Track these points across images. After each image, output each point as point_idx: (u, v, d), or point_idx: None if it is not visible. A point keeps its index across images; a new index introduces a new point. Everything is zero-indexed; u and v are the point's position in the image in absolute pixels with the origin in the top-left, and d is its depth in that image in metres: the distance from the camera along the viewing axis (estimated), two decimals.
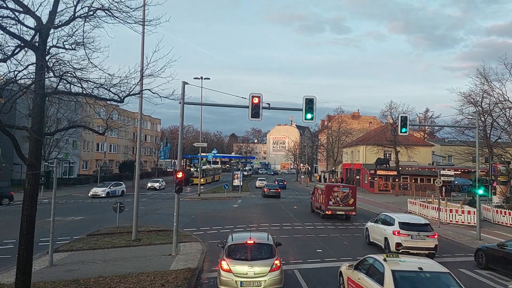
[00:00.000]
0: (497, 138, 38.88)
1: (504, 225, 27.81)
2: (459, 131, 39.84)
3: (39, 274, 13.61)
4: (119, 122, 66.19)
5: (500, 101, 33.87)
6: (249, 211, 33.71)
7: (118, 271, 14.20)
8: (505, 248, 15.73)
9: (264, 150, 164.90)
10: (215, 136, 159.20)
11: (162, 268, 14.54)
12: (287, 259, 16.43)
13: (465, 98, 36.63)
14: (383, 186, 57.44)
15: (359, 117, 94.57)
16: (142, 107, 20.69)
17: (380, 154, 60.87)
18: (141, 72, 10.98)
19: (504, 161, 36.70)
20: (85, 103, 11.42)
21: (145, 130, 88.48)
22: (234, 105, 20.37)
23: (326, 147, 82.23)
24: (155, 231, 22.40)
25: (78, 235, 20.98)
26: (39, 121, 10.14)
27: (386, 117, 63.06)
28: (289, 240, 20.98)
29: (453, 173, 39.14)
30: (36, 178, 10.23)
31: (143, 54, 18.94)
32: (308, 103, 17.51)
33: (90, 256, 16.61)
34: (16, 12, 9.44)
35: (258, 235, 13.30)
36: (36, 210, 10.25)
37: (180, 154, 18.95)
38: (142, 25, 12.52)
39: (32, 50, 9.72)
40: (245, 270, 11.35)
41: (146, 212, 30.99)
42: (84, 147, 67.34)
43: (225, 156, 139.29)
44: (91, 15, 10.01)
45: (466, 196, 40.31)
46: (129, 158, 77.64)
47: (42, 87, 9.98)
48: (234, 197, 45.42)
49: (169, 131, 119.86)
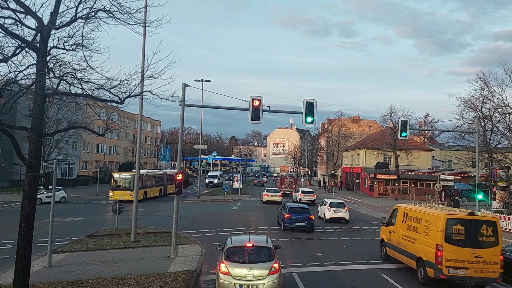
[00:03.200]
0: (497, 143, 38.93)
1: (504, 230, 27.72)
2: (459, 136, 39.91)
3: (37, 275, 13.57)
4: (119, 124, 66.32)
5: (500, 106, 33.93)
6: (249, 213, 33.67)
7: (116, 272, 14.17)
8: (505, 254, 15.67)
9: (264, 153, 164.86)
10: (215, 139, 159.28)
11: (160, 270, 14.51)
12: (286, 262, 16.39)
13: (465, 103, 36.77)
14: (383, 190, 57.39)
15: (359, 121, 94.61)
16: (143, 108, 20.70)
17: (380, 158, 60.83)
18: (142, 74, 10.98)
19: (504, 167, 36.68)
20: (85, 104, 11.42)
21: (145, 132, 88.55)
22: (234, 107, 20.38)
23: (326, 150, 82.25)
24: (154, 233, 22.36)
25: (77, 236, 20.94)
26: (39, 121, 10.14)
27: (386, 121, 63.08)
28: (288, 243, 20.95)
29: (452, 178, 39.20)
30: (36, 179, 10.22)
31: (144, 55, 18.92)
32: (309, 106, 17.54)
33: (88, 257, 16.57)
34: (17, 12, 9.45)
35: (257, 238, 13.29)
36: (35, 210, 10.24)
37: (180, 156, 18.95)
38: (143, 27, 12.56)
39: (33, 51, 9.73)
40: (244, 273, 11.32)
41: (145, 214, 30.95)
42: (84, 148, 67.38)
43: (225, 158, 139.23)
44: (93, 16, 10.02)
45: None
46: (128, 159, 77.65)
47: (43, 88, 9.98)
48: (233, 200, 45.35)
49: (169, 133, 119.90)
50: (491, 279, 13.71)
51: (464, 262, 13.48)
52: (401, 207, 17.72)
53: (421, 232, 15.05)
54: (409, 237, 15.90)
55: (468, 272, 13.45)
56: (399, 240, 16.71)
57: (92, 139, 68.92)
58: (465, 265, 13.47)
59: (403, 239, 16.37)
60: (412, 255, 15.31)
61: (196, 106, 23.13)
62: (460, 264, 13.50)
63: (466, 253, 13.49)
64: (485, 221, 14.06)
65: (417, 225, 15.47)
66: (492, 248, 13.66)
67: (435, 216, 14.47)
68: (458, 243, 13.68)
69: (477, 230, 13.78)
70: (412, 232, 15.74)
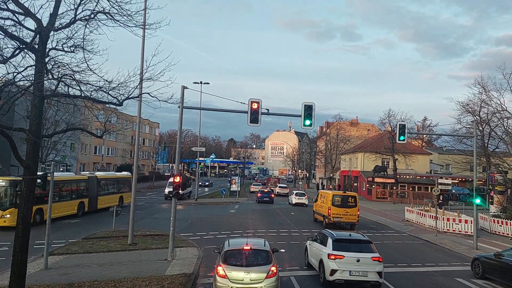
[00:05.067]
0: (494, 148, 39.04)
1: (501, 234, 27.79)
2: (457, 140, 39.98)
3: (33, 277, 13.51)
4: (118, 125, 66.18)
5: (498, 110, 34.04)
6: (246, 216, 33.63)
7: (113, 275, 14.11)
8: (502, 258, 15.70)
9: (262, 155, 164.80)
10: (213, 141, 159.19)
11: (157, 273, 14.45)
12: (284, 266, 16.37)
13: (463, 108, 36.85)
14: (381, 194, 57.42)
15: (358, 124, 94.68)
16: (141, 110, 20.66)
17: (378, 162, 60.87)
18: (141, 75, 10.97)
19: (502, 171, 36.78)
20: (83, 106, 11.40)
21: (144, 134, 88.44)
22: (232, 110, 20.36)
23: (324, 153, 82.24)
24: (151, 235, 22.29)
25: (73, 238, 20.86)
26: (37, 123, 10.12)
27: (385, 124, 63.17)
28: (286, 246, 20.90)
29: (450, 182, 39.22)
30: (33, 181, 10.19)
31: (143, 57, 18.86)
32: (307, 109, 17.55)
33: (85, 259, 16.51)
34: (17, 14, 9.44)
35: (254, 241, 13.26)
36: (32, 212, 10.20)
37: (178, 158, 18.93)
38: (142, 29, 12.56)
39: (32, 52, 9.71)
40: (241, 276, 11.30)
41: (143, 216, 30.86)
42: (82, 150, 67.20)
43: (223, 161, 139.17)
44: (92, 18, 10.02)
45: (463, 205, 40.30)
46: (126, 161, 77.49)
47: (41, 89, 9.96)
48: (231, 203, 45.31)
49: (167, 135, 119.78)
50: (353, 222, 27.88)
51: (341, 215, 27.58)
52: (320, 192, 33.13)
53: (324, 202, 29.21)
54: (321, 206, 30.00)
55: (343, 219, 27.69)
56: (318, 208, 31.05)
57: (90, 141, 68.75)
58: (341, 216, 27.59)
59: (319, 207, 30.69)
60: (321, 214, 29.75)
61: (194, 108, 23.13)
62: (339, 216, 27.60)
63: (341, 211, 27.60)
64: (350, 196, 29.00)
65: (324, 199, 29.73)
66: (353, 208, 27.86)
67: (329, 194, 29.24)
68: (338, 206, 27.78)
69: (346, 200, 28.19)
70: (322, 203, 29.92)
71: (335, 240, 14.24)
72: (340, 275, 13.39)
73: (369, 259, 13.52)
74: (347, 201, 27.94)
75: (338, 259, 13.53)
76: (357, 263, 13.46)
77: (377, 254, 13.80)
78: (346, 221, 27.66)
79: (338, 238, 14.44)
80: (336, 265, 13.49)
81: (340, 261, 13.50)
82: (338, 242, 14.15)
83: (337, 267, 13.45)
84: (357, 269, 13.40)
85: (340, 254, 13.62)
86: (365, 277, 13.39)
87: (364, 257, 13.55)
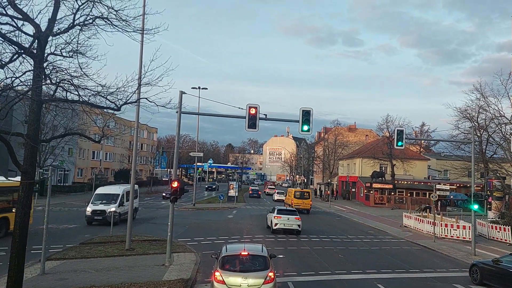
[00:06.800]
0: (492, 154, 39.11)
1: (499, 240, 27.77)
2: (455, 146, 40.03)
3: (30, 282, 13.43)
4: (116, 130, 66.13)
5: (496, 116, 34.12)
6: (244, 222, 33.55)
7: (110, 280, 14.05)
8: (500, 264, 15.70)
9: (260, 160, 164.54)
10: (211, 146, 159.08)
11: (154, 279, 14.40)
12: (281, 271, 16.32)
13: (461, 113, 36.91)
14: (379, 199, 57.40)
15: (356, 130, 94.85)
16: (139, 115, 20.64)
17: (376, 167, 60.93)
18: (139, 81, 10.99)
19: (500, 177, 36.86)
20: (81, 110, 11.40)
21: (142, 139, 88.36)
22: (230, 115, 20.36)
23: (322, 159, 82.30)
24: (149, 240, 22.22)
25: (71, 244, 20.75)
26: (35, 128, 10.12)
27: (383, 130, 63.24)
28: (284, 252, 20.85)
29: (448, 188, 39.28)
30: (30, 186, 10.17)
31: (141, 62, 18.90)
32: (305, 114, 17.59)
33: (82, 265, 16.43)
34: (15, 19, 9.47)
35: (252, 247, 13.24)
36: (29, 217, 10.18)
37: (175, 163, 18.90)
38: (141, 34, 12.58)
39: (30, 57, 9.73)
40: (239, 282, 11.27)
41: (141, 221, 30.78)
42: (79, 155, 67.08)
43: (221, 166, 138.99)
44: (90, 23, 10.06)
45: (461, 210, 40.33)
46: (124, 166, 77.34)
47: (39, 94, 9.96)
48: (229, 208, 45.23)
49: (165, 140, 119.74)
50: (308, 209, 42.90)
51: (299, 203, 42.26)
52: (288, 189, 53.29)
53: (290, 196, 45.93)
54: (288, 198, 47.69)
55: (301, 206, 41.40)
56: (286, 200, 49.03)
57: (88, 145, 68.65)
58: (299, 204, 42.16)
59: (287, 199, 48.58)
60: (288, 204, 43.60)
61: (192, 113, 23.12)
62: (298, 204, 41.84)
63: (300, 201, 42.95)
64: (305, 191, 45.52)
65: (290, 194, 47.02)
66: (307, 199, 43.31)
67: (292, 190, 46.99)
68: (297, 197, 43.32)
69: (303, 194, 44.10)
70: (288, 197, 47.30)
71: (278, 210, 27.65)
72: (279, 226, 26.60)
73: (293, 218, 26.70)
74: (303, 195, 43.82)
75: (277, 218, 26.68)
76: (287, 220, 26.54)
77: (298, 216, 27.22)
78: (303, 208, 42.14)
79: (280, 209, 28.11)
80: (277, 221, 26.62)
81: (279, 220, 26.61)
82: (279, 211, 27.42)
83: (277, 222, 26.62)
84: (287, 223, 26.56)
85: (279, 215, 26.81)
86: (291, 227, 26.65)
87: (291, 217, 26.75)
